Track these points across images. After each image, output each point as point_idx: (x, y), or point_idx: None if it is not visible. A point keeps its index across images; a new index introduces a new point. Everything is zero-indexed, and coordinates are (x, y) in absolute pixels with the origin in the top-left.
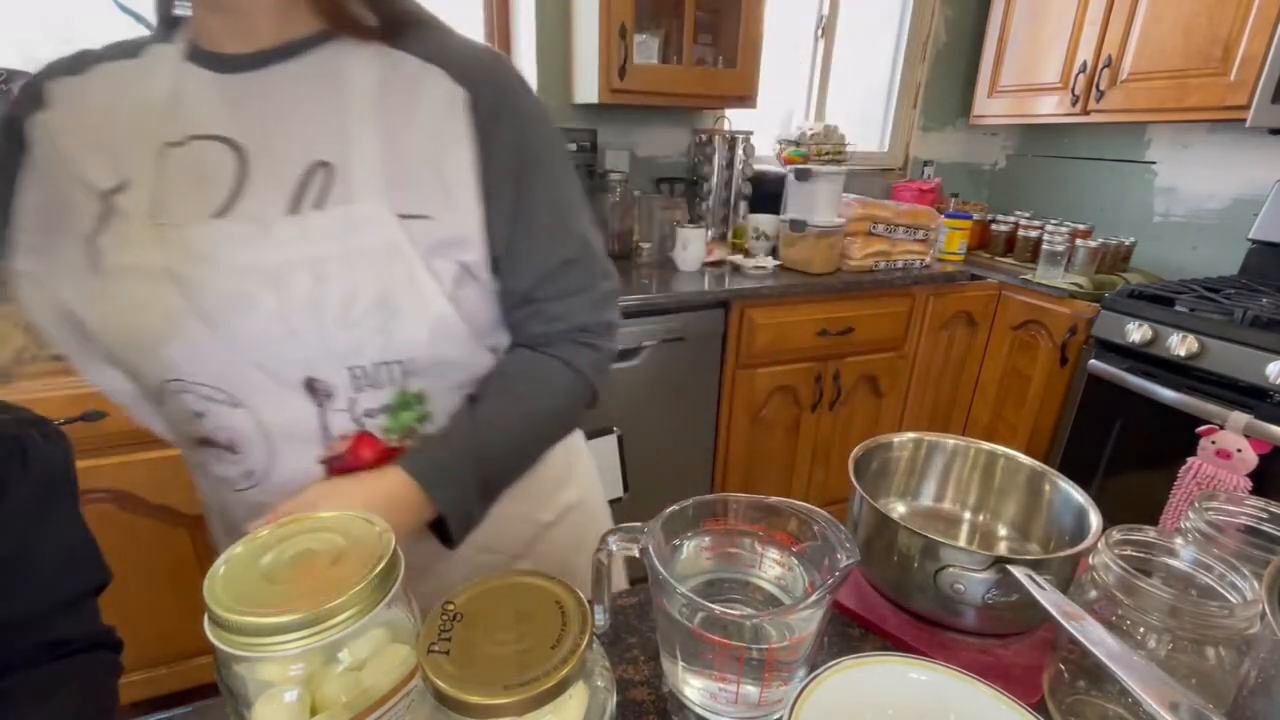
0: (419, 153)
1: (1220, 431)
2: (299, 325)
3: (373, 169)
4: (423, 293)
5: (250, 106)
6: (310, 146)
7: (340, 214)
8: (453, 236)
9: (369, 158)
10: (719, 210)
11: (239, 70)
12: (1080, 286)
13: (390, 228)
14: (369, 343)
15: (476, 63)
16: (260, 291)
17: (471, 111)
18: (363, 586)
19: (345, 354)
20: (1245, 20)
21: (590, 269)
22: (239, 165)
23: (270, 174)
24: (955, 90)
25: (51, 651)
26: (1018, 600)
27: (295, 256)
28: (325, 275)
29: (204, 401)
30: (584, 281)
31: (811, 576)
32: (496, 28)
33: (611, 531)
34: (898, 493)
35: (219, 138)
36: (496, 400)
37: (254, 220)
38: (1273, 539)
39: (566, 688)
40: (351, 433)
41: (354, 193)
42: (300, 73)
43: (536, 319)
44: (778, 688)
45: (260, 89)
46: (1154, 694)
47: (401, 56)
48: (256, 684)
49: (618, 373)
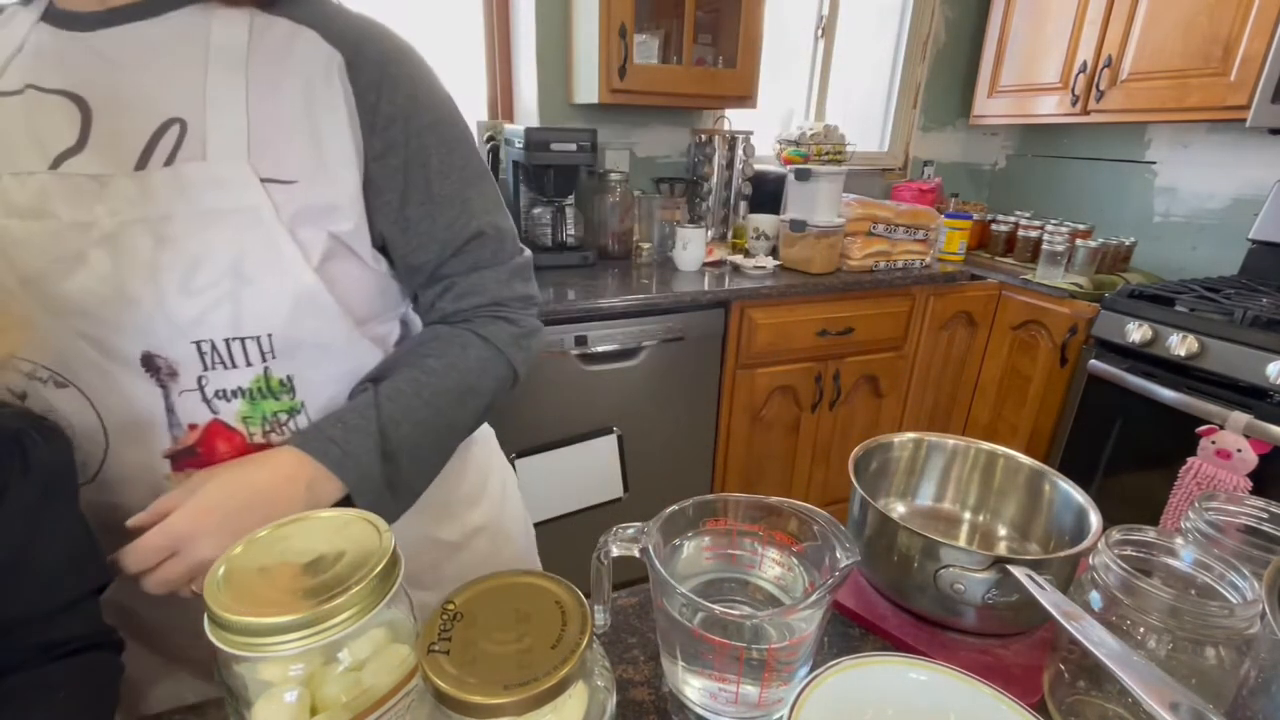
0: (288, 116)
1: (1220, 431)
2: (136, 290)
3: (234, 130)
4: (283, 261)
5: (99, 63)
6: (164, 104)
7: (191, 172)
8: (322, 203)
9: (229, 118)
10: (719, 210)
11: (93, 28)
12: (1080, 286)
13: (249, 190)
14: (216, 312)
15: (354, 28)
16: (93, 251)
17: (347, 77)
18: (363, 586)
19: (189, 325)
20: (1245, 20)
21: (500, 242)
22: (82, 119)
23: (117, 130)
24: (955, 90)
25: (52, 652)
26: (1018, 600)
27: (135, 215)
28: (168, 236)
29: (24, 379)
30: (494, 255)
31: (811, 576)
32: (497, 28)
33: (612, 531)
34: (898, 493)
35: (61, 91)
36: (403, 374)
37: (92, 176)
38: (1273, 539)
39: (566, 688)
40: (203, 421)
41: (209, 151)
42: (159, 31)
43: (447, 295)
44: (778, 688)
45: (113, 46)
46: (1154, 694)
47: (272, 19)
48: (256, 684)
49: (618, 373)
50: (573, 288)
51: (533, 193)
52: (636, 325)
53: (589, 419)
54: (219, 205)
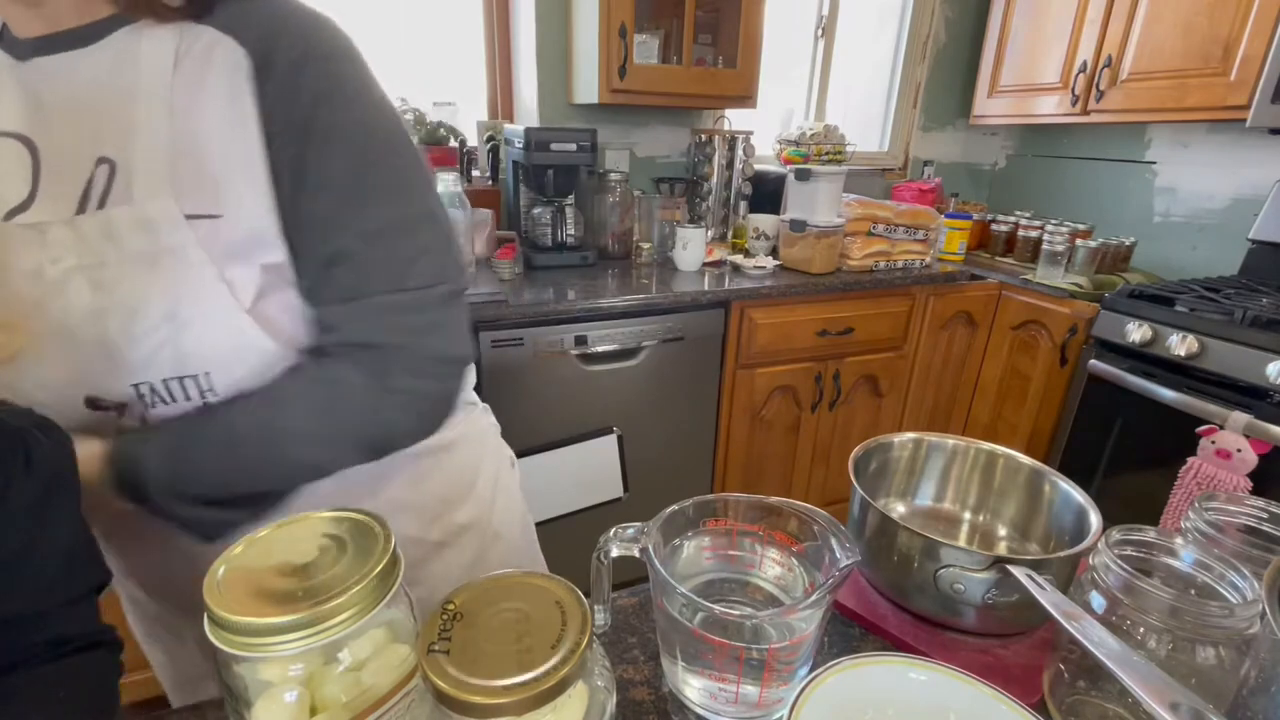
0: (207, 139)
1: (1220, 431)
2: (83, 339)
3: (157, 163)
4: (217, 303)
5: (46, 99)
6: (97, 141)
7: (121, 216)
8: (247, 235)
9: (154, 151)
10: (719, 210)
11: (41, 53)
12: (1080, 286)
13: (176, 230)
14: (158, 356)
15: (277, 25)
16: (50, 301)
17: (255, 80)
18: (363, 586)
19: (131, 371)
20: (1245, 20)
21: (368, 269)
22: (34, 164)
23: (61, 173)
24: (955, 90)
25: (52, 651)
26: (1018, 600)
27: (73, 263)
28: (103, 283)
29: None
30: (358, 284)
31: (811, 576)
32: (497, 28)
33: (611, 531)
34: (898, 493)
35: (14, 135)
36: (231, 407)
37: (32, 225)
38: (1273, 539)
39: (566, 688)
40: None
41: (135, 192)
42: (98, 59)
43: (316, 327)
44: (778, 688)
45: (58, 79)
46: (1154, 694)
47: (199, 30)
48: (256, 684)
49: (618, 372)
50: (573, 288)
51: (533, 193)
52: (636, 325)
53: (589, 419)
54: (147, 249)
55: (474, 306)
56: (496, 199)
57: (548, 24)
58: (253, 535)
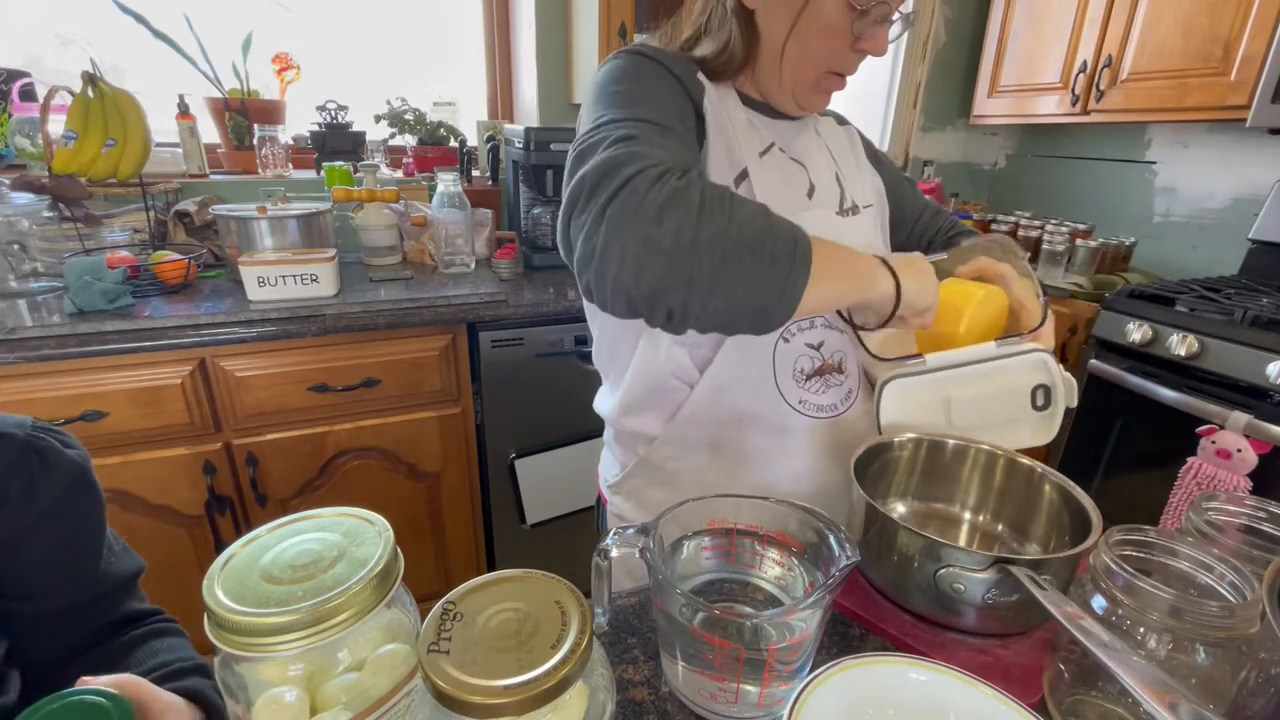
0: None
1: (1220, 431)
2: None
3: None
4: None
5: (797, 141)
6: (825, 171)
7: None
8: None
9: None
10: None
11: (776, 117)
12: (1080, 286)
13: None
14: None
15: None
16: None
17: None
18: (363, 586)
19: None
20: (1245, 20)
21: None
22: (809, 177)
23: (823, 186)
24: (955, 90)
25: (126, 627)
26: (1018, 600)
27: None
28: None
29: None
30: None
31: (811, 576)
32: (497, 28)
33: (612, 531)
34: (898, 493)
35: (793, 159)
36: None
37: (836, 212)
38: (1273, 539)
39: (566, 688)
40: None
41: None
42: (799, 126)
43: None
44: (778, 688)
45: (794, 131)
46: (1154, 694)
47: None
48: (256, 684)
49: None
50: (573, 288)
51: (533, 193)
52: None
53: (589, 419)
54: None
55: (474, 306)
56: (496, 199)
57: (548, 24)
58: (253, 535)
